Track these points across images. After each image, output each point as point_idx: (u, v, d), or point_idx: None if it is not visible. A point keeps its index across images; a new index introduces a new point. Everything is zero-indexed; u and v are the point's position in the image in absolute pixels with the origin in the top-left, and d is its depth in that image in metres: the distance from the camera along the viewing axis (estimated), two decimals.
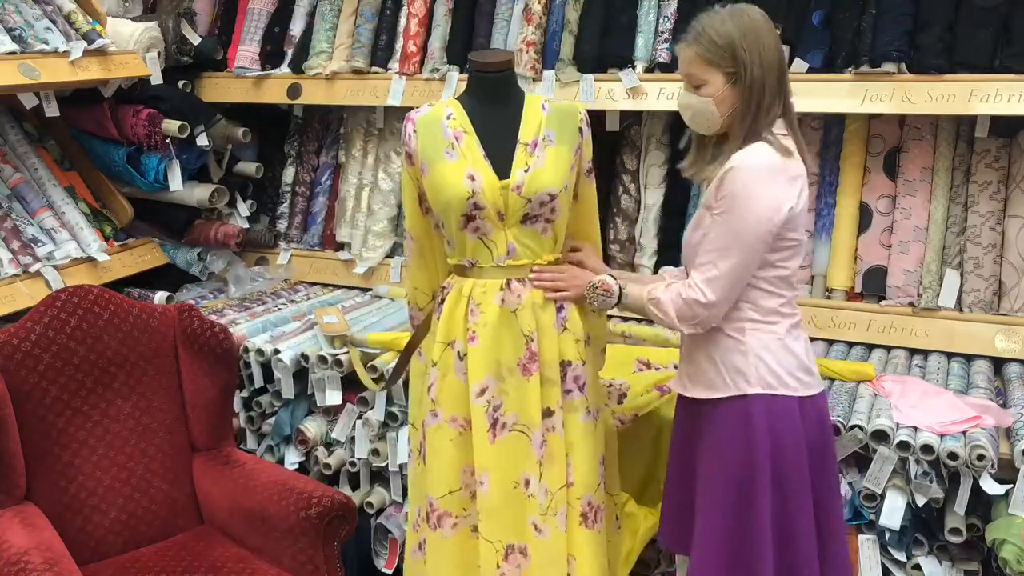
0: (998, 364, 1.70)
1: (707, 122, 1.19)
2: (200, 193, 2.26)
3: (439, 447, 1.26)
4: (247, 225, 2.37)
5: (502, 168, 1.23)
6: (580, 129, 1.27)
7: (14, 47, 1.91)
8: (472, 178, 1.21)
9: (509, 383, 1.23)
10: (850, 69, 1.72)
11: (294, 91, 2.27)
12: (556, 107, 1.28)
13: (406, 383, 1.71)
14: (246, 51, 2.34)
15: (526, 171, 1.22)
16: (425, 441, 1.30)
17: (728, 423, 1.18)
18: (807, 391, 1.20)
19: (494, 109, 1.26)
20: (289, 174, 2.43)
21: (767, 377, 1.17)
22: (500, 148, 1.24)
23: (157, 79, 2.23)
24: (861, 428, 1.46)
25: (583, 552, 1.26)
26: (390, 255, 2.27)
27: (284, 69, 2.31)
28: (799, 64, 1.75)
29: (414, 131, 1.26)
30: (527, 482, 1.23)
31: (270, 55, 2.34)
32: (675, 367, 1.68)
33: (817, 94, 1.70)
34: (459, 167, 1.22)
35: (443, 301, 1.28)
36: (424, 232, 1.32)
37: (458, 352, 1.24)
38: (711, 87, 1.17)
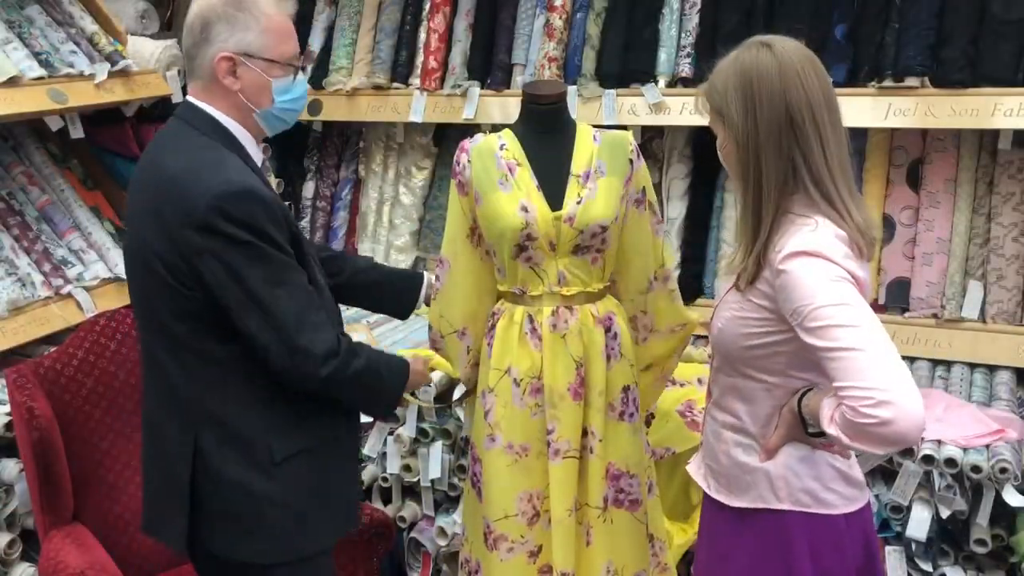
0: (1020, 374, 1.72)
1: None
2: None
3: (496, 472, 1.28)
4: None
5: (554, 198, 1.25)
6: (630, 160, 1.29)
7: (42, 72, 1.93)
8: (525, 209, 1.23)
9: (560, 408, 1.25)
10: (873, 83, 1.74)
11: (314, 107, 2.29)
12: (607, 137, 1.29)
13: (441, 398, 1.75)
14: None
15: (579, 203, 1.23)
16: (480, 464, 1.32)
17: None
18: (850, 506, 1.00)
19: (546, 139, 1.28)
20: (309, 188, 2.45)
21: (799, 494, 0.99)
22: (552, 178, 1.26)
23: (178, 97, 2.24)
24: None
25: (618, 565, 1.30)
26: (412, 268, 2.29)
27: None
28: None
29: (468, 161, 1.28)
30: (576, 505, 1.26)
31: None
32: (699, 381, 1.71)
33: (840, 108, 1.72)
34: (513, 198, 1.24)
35: (494, 327, 1.29)
36: (464, 261, 1.33)
37: (515, 378, 1.26)
38: (718, 139, 1.01)
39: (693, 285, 1.98)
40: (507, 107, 2.05)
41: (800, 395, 0.97)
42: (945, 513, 1.47)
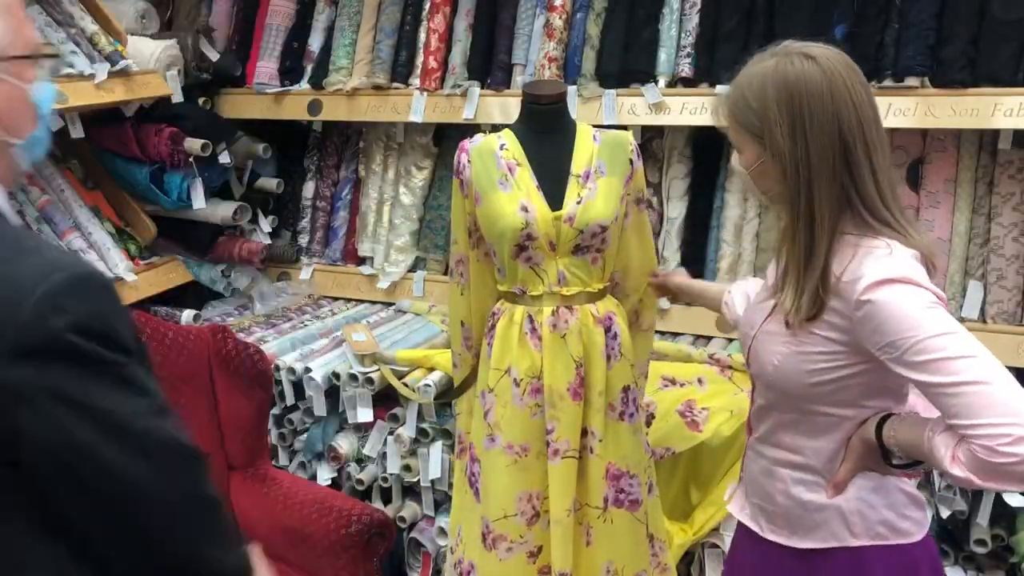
0: (1021, 374, 1.72)
1: (757, 196, 0.99)
2: (224, 211, 2.28)
3: (495, 472, 1.28)
4: (269, 241, 2.39)
5: (554, 198, 1.25)
6: (630, 160, 1.29)
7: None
8: (525, 209, 1.23)
9: (560, 408, 1.25)
10: (873, 83, 1.74)
11: (314, 107, 2.29)
12: (607, 137, 1.29)
13: (442, 396, 1.75)
14: (265, 67, 2.36)
15: (579, 203, 1.23)
16: (479, 464, 1.32)
17: None
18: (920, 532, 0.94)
19: (546, 139, 1.28)
20: (309, 189, 2.45)
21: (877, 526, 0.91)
22: (552, 178, 1.26)
23: (178, 98, 2.25)
24: None
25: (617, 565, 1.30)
26: (412, 269, 2.29)
27: (304, 85, 2.32)
28: None
29: (468, 161, 1.28)
30: (576, 505, 1.26)
31: (289, 70, 2.36)
32: (699, 381, 1.71)
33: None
34: (513, 198, 1.24)
35: (493, 327, 1.29)
36: (475, 260, 1.33)
37: (514, 378, 1.26)
38: (745, 157, 0.92)
39: None
40: (507, 107, 2.05)
41: (877, 424, 0.88)
42: (945, 513, 1.47)
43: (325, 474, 1.89)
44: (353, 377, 1.82)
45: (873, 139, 0.87)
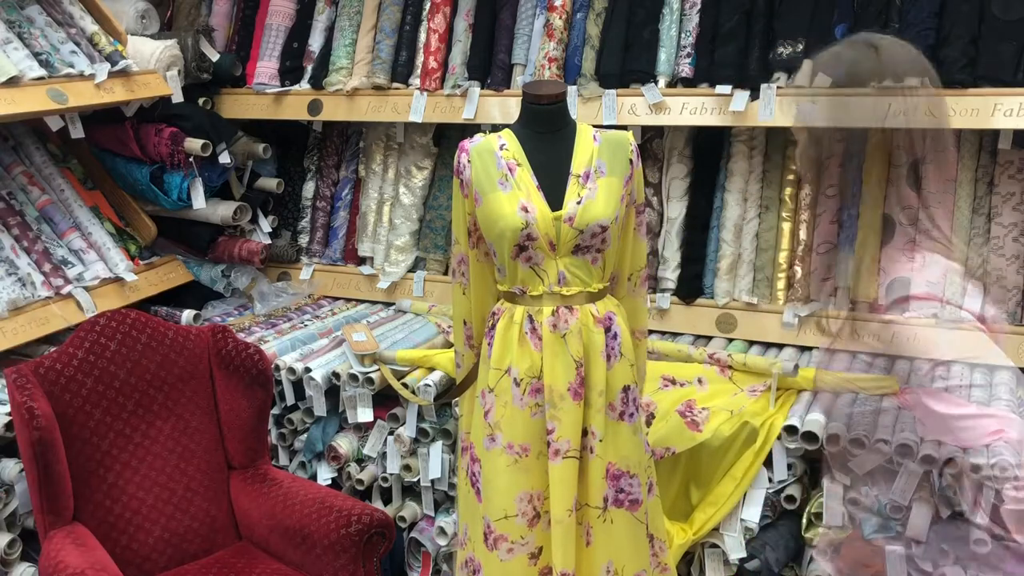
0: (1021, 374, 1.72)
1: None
2: (224, 211, 2.29)
3: (496, 472, 1.28)
4: (269, 240, 2.40)
5: (554, 198, 1.25)
6: (630, 160, 1.29)
7: (42, 72, 1.93)
8: (526, 209, 1.23)
9: (560, 408, 1.25)
10: (873, 83, 1.73)
11: (314, 108, 2.29)
12: (607, 137, 1.29)
13: (441, 397, 1.75)
14: (265, 67, 2.36)
15: (579, 203, 1.23)
16: (480, 464, 1.32)
17: None
18: None
19: (546, 139, 1.28)
20: (309, 188, 2.46)
21: None
22: (552, 178, 1.26)
23: (178, 98, 2.25)
24: (886, 442, 1.49)
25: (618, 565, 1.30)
26: (412, 269, 2.29)
27: (304, 85, 2.32)
28: (822, 79, 1.76)
29: (468, 161, 1.28)
30: (576, 505, 1.26)
31: (289, 70, 2.36)
32: (699, 381, 1.71)
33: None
34: (513, 198, 1.23)
35: (493, 327, 1.29)
36: (474, 260, 1.33)
37: (515, 378, 1.26)
38: (800, 144, 0.91)
39: (693, 285, 1.99)
40: (507, 107, 2.05)
41: None
42: (945, 513, 1.47)
43: (325, 474, 1.89)
44: (353, 377, 1.82)
45: (919, 145, 0.80)
